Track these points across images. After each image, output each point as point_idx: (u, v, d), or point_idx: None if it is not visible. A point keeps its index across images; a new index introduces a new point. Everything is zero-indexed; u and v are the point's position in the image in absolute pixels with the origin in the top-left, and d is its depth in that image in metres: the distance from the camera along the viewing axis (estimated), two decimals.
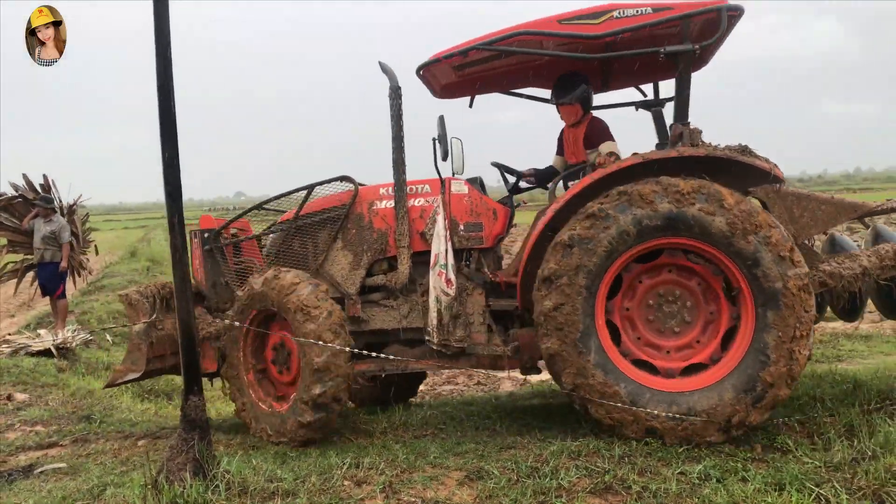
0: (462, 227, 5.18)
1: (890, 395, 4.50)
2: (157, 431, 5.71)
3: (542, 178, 5.73)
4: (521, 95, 6.21)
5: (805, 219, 4.49)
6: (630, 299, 4.50)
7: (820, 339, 8.21)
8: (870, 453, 3.77)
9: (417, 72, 5.33)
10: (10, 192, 10.87)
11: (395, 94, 5.02)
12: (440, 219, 5.02)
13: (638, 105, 5.78)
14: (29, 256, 10.48)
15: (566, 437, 4.33)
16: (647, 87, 5.87)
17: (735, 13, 4.56)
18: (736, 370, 4.21)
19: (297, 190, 5.44)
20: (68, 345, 9.18)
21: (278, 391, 5.08)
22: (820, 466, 3.75)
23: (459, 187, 5.26)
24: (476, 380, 8.20)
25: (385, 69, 5.08)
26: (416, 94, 5.58)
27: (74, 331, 9.83)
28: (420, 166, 5.27)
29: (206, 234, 5.52)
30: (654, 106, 5.64)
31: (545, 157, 5.85)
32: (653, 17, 4.48)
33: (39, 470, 4.87)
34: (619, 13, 4.49)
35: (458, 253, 5.13)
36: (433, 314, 4.95)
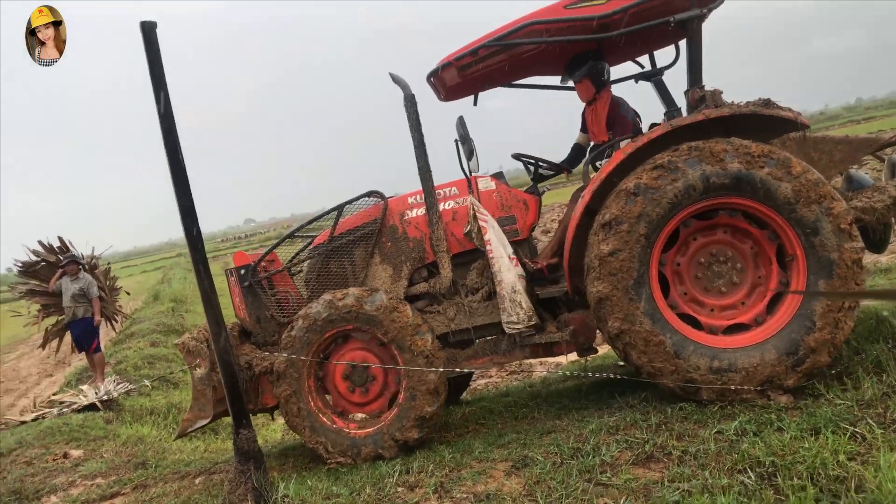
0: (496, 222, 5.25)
1: None
2: (211, 468, 5.89)
3: (571, 160, 5.86)
4: (523, 86, 6.27)
5: (824, 161, 4.62)
6: (683, 254, 4.58)
7: None
8: None
9: (428, 78, 5.41)
10: (31, 257, 11.17)
11: (411, 102, 5.08)
12: (485, 212, 5.09)
13: (637, 77, 5.82)
14: (61, 317, 10.75)
15: (603, 414, 4.47)
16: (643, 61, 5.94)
17: None
18: (781, 333, 4.30)
19: (327, 213, 5.50)
20: (111, 396, 9.42)
21: (339, 406, 5.10)
22: (852, 406, 3.87)
23: (487, 184, 5.37)
24: (509, 370, 8.32)
25: (397, 80, 5.14)
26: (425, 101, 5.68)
27: (115, 381, 10.09)
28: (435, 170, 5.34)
29: (242, 271, 5.53)
30: (654, 76, 5.69)
31: (533, 139, 5.96)
32: None
33: None
34: None
35: None
36: (520, 298, 4.94)
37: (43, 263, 10.98)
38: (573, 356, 5.32)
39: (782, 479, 3.33)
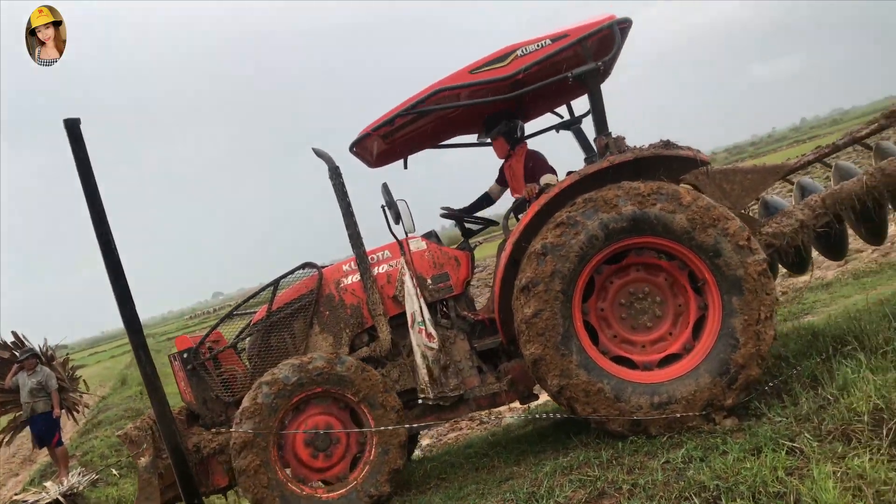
0: (430, 280, 5.40)
1: (843, 338, 4.73)
2: None
3: (473, 209, 6.08)
4: (450, 146, 6.52)
5: (736, 190, 4.81)
6: (603, 300, 4.75)
7: (784, 294, 8.54)
8: (831, 398, 4.03)
9: (350, 149, 5.59)
10: None
11: (335, 174, 5.25)
12: (408, 279, 5.23)
13: (558, 128, 6.14)
14: (19, 413, 10.50)
15: (558, 455, 4.53)
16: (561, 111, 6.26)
17: (625, 25, 4.92)
18: (708, 356, 4.47)
19: (263, 288, 5.61)
20: (76, 490, 9.17)
21: (298, 475, 5.00)
22: (791, 421, 4.00)
23: (418, 244, 5.51)
24: (478, 420, 8.33)
25: (320, 154, 5.32)
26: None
27: (80, 474, 9.83)
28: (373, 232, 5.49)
29: (184, 355, 5.55)
30: (572, 125, 5.98)
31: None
32: (553, 47, 4.81)
33: None
34: (522, 51, 4.83)
35: (432, 306, 5.33)
36: (423, 371, 5.11)
37: None
38: (517, 404, 5.43)
39: (726, 501, 3.42)
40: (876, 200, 4.80)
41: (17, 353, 10.52)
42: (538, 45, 4.82)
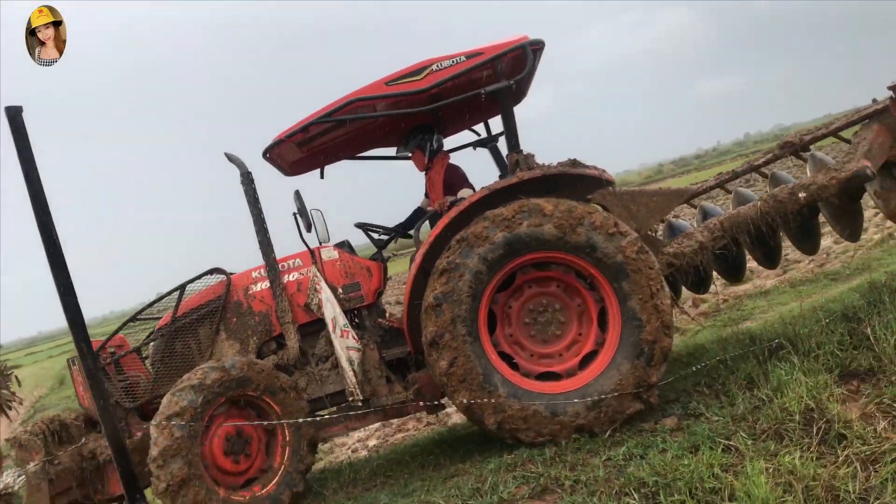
0: (341, 290, 5.37)
1: (779, 342, 4.93)
2: None
3: (409, 223, 6.05)
4: (367, 158, 6.54)
5: (642, 212, 5.00)
6: (509, 325, 4.88)
7: (725, 301, 8.83)
8: (766, 398, 4.20)
9: (263, 155, 5.52)
10: None
11: (247, 179, 5.20)
12: (323, 285, 5.21)
13: (475, 145, 6.28)
14: None
15: (503, 453, 4.58)
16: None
17: (537, 46, 5.09)
18: (621, 344, 4.64)
19: (169, 293, 5.47)
20: (10, 490, 8.89)
21: (222, 482, 4.84)
22: (727, 421, 4.15)
23: (329, 253, 5.49)
24: (425, 422, 8.34)
25: (232, 158, 5.25)
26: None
27: (14, 474, 9.53)
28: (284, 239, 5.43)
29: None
30: (488, 143, 6.16)
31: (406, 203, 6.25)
32: (467, 64, 4.91)
33: None
34: (438, 66, 4.91)
35: (344, 315, 5.28)
36: (349, 374, 5.09)
37: None
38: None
39: (664, 496, 3.55)
40: (769, 225, 5.02)
41: None
42: (453, 62, 4.92)
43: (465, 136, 6.51)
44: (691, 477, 3.59)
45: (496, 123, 6.21)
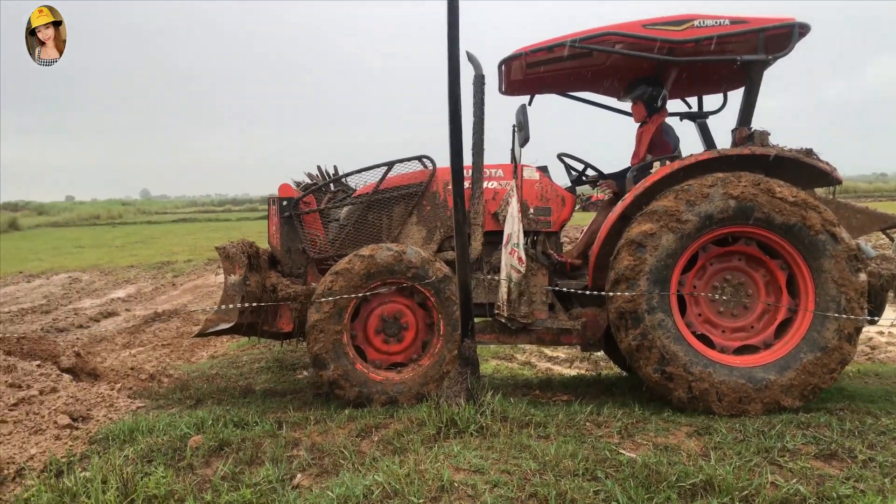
0: (532, 210, 5.57)
1: None
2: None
3: (622, 174, 6.04)
4: (578, 99, 6.53)
5: (843, 224, 4.84)
6: (696, 305, 5.08)
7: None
8: None
9: (499, 65, 5.73)
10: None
11: (479, 81, 5.33)
12: (514, 201, 5.35)
13: (683, 116, 6.17)
14: None
15: (798, 413, 4.61)
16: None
17: (804, 31, 4.97)
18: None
19: (377, 166, 5.70)
20: None
21: (373, 357, 5.33)
22: None
23: (531, 173, 5.66)
24: (575, 368, 8.07)
25: (471, 58, 5.36)
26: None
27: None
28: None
29: (284, 202, 5.76)
30: (699, 117, 6.07)
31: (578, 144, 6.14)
32: (729, 28, 4.90)
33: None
34: (700, 22, 4.90)
35: (526, 234, 5.46)
36: (503, 290, 5.29)
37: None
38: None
39: None
40: None
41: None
42: (716, 23, 4.90)
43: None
44: None
45: (709, 100, 6.30)
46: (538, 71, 5.89)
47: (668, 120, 5.96)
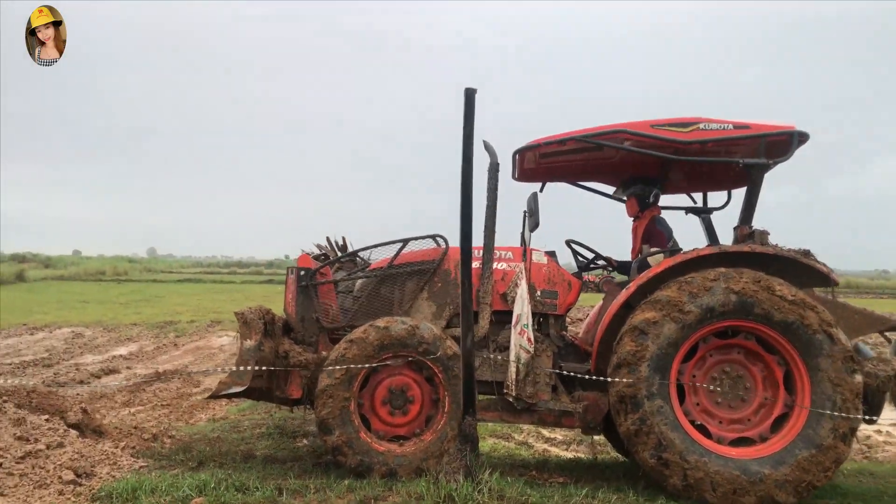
0: (539, 293, 5.75)
1: None
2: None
3: (620, 267, 6.37)
4: (585, 188, 6.84)
5: (841, 325, 4.98)
6: (695, 395, 5.17)
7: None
8: None
9: (514, 154, 6.05)
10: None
11: (494, 169, 5.52)
12: (523, 283, 5.51)
13: (688, 210, 6.51)
14: None
15: None
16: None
17: (803, 139, 5.27)
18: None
19: (392, 242, 5.95)
20: None
21: (377, 427, 5.39)
22: None
23: (539, 257, 5.89)
24: (572, 450, 8.02)
25: (487, 147, 5.58)
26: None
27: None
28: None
29: (301, 272, 5.94)
30: (704, 213, 6.39)
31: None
32: (733, 133, 5.21)
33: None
34: (706, 126, 5.19)
35: (532, 316, 5.54)
36: (512, 370, 5.38)
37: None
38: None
39: None
40: None
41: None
42: (720, 126, 5.19)
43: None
44: None
45: (713, 197, 6.59)
46: (551, 161, 6.19)
47: (674, 215, 6.30)
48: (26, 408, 5.77)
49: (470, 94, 4.89)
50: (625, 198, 6.39)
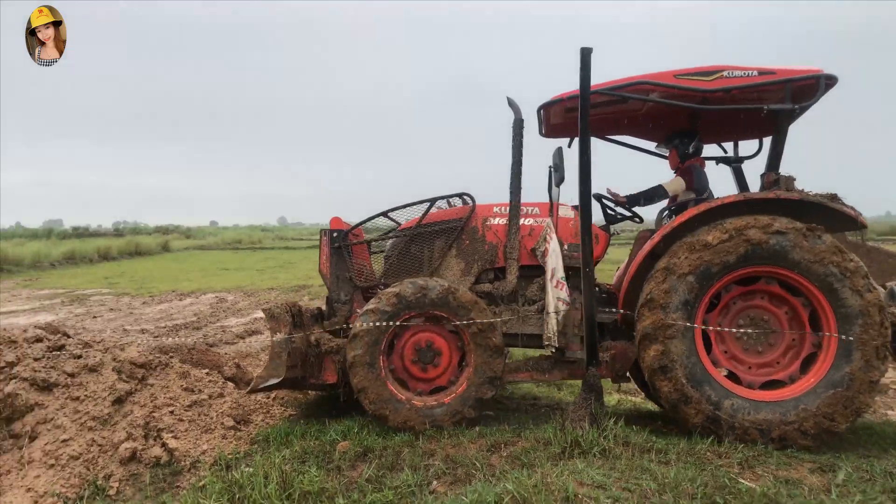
0: (567, 247, 5.74)
1: None
2: None
3: (642, 198, 6.16)
4: (617, 143, 6.73)
5: (874, 269, 4.93)
6: (722, 342, 5.23)
7: None
8: None
9: (538, 109, 6.00)
10: None
11: (519, 125, 5.63)
12: (554, 237, 5.57)
13: (719, 160, 6.43)
14: None
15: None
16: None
17: (830, 82, 5.14)
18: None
19: (420, 202, 6.07)
20: None
21: (411, 386, 5.53)
22: None
23: (566, 212, 5.92)
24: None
25: (511, 103, 5.67)
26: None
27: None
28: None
29: (334, 234, 6.14)
30: (735, 162, 6.31)
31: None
32: (757, 79, 5.11)
33: None
34: (729, 73, 5.12)
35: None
36: (552, 322, 5.41)
37: None
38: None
39: None
40: None
41: None
42: (745, 73, 5.10)
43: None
44: None
45: (745, 146, 6.45)
46: (577, 115, 6.17)
47: (708, 164, 6.24)
48: (188, 363, 6.42)
49: (586, 54, 4.98)
50: (667, 152, 6.39)
